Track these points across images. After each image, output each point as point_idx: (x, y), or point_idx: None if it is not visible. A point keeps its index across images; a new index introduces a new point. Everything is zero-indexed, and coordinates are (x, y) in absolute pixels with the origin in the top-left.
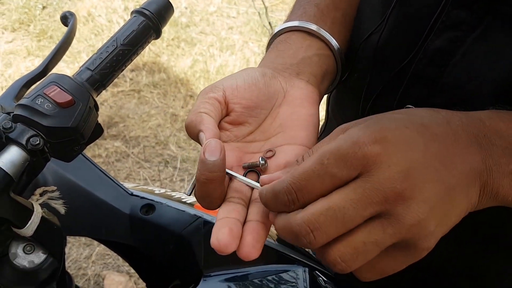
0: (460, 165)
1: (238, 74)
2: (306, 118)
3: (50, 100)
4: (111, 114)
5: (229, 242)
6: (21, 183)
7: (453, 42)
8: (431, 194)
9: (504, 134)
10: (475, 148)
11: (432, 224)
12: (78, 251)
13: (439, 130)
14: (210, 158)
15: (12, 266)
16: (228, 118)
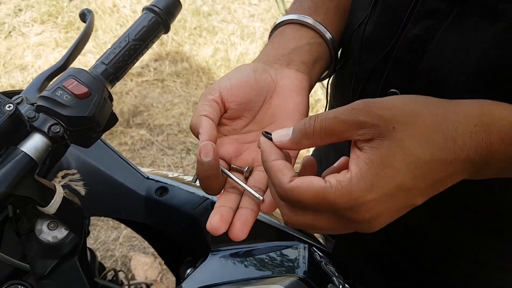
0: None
1: (232, 74)
2: (294, 107)
3: (68, 92)
4: (136, 103)
5: (219, 226)
6: (44, 167)
7: (429, 29)
8: (387, 216)
9: (505, 156)
10: (465, 174)
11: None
12: (107, 234)
13: (439, 176)
14: (205, 159)
15: (38, 241)
16: (226, 115)
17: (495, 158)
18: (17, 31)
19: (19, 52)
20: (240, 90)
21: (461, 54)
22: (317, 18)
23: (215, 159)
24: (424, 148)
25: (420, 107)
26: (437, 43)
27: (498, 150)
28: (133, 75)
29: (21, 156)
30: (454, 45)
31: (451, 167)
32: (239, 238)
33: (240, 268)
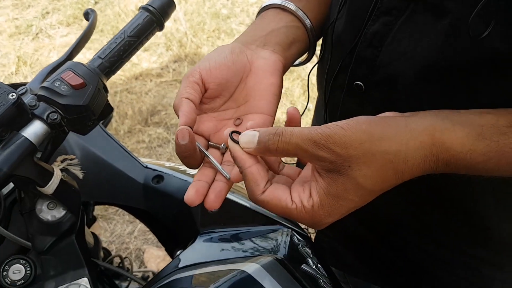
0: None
1: (211, 56)
2: (266, 88)
3: (66, 83)
4: (154, 103)
5: (194, 199)
6: (46, 152)
7: (386, 25)
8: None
9: (448, 172)
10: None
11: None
12: (122, 228)
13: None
14: (182, 142)
15: (38, 219)
16: (205, 94)
17: (438, 172)
18: (44, 33)
19: (45, 53)
20: (218, 71)
21: (412, 49)
22: (298, 4)
23: (191, 141)
24: (375, 184)
25: (374, 146)
26: (392, 38)
27: (443, 169)
28: (153, 76)
29: (22, 140)
30: (406, 41)
31: (397, 184)
32: (213, 208)
33: (225, 249)
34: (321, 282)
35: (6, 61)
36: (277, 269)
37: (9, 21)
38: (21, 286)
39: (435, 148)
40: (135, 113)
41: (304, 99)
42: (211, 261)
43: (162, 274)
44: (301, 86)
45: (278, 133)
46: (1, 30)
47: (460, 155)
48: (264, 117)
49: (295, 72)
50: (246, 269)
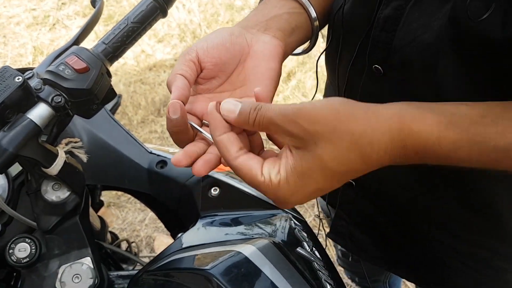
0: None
1: (209, 36)
2: (265, 72)
3: (70, 67)
4: (167, 94)
5: (181, 158)
6: (52, 134)
7: (397, 9)
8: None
9: (419, 161)
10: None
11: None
12: (134, 215)
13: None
14: (173, 116)
15: (43, 199)
16: (201, 74)
17: (410, 160)
18: (60, 23)
19: (61, 44)
20: (216, 51)
21: (422, 32)
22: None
23: (183, 116)
24: (340, 165)
25: (341, 124)
26: (403, 23)
27: (413, 158)
28: (166, 67)
29: (27, 122)
30: (417, 25)
31: (364, 171)
32: (200, 174)
33: (224, 232)
34: (315, 264)
35: (23, 51)
36: (273, 251)
37: (26, 12)
38: (26, 263)
39: (403, 133)
40: (148, 104)
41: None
42: (210, 243)
43: (163, 255)
44: (314, 78)
45: (258, 108)
46: (19, 21)
47: (428, 142)
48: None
49: (307, 64)
50: (242, 250)
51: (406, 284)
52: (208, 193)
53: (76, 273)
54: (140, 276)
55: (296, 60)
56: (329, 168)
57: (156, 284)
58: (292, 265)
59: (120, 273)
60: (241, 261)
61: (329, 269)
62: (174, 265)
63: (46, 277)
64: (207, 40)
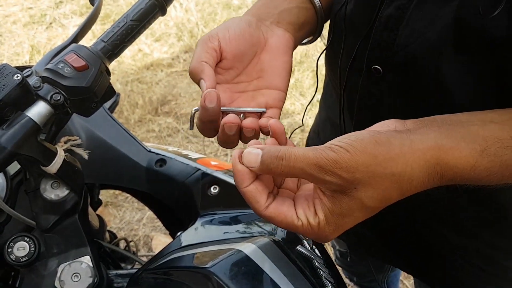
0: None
1: (229, 24)
2: (281, 65)
3: (69, 65)
4: (164, 93)
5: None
6: (51, 133)
7: (400, 9)
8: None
9: (456, 179)
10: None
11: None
12: (131, 215)
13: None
14: (210, 105)
15: (42, 198)
16: (220, 64)
17: (445, 181)
18: (57, 22)
19: (58, 42)
20: (236, 42)
21: (426, 31)
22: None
23: (218, 105)
24: (380, 202)
25: (380, 168)
26: (407, 21)
27: (447, 183)
28: (163, 66)
29: (26, 120)
30: (420, 23)
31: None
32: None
33: (223, 231)
34: (315, 262)
35: (20, 50)
36: (273, 249)
37: (23, 11)
38: (25, 262)
39: (439, 167)
40: (146, 103)
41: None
42: (210, 241)
43: (162, 253)
44: (312, 77)
45: (280, 157)
46: (16, 20)
47: (464, 172)
48: (279, 93)
49: (305, 63)
50: (242, 249)
51: (404, 283)
52: (208, 191)
53: (75, 272)
54: (139, 274)
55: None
56: (369, 206)
57: (156, 282)
58: (292, 263)
59: (119, 272)
60: (242, 259)
61: (329, 267)
62: (174, 263)
63: (45, 276)
64: (229, 30)
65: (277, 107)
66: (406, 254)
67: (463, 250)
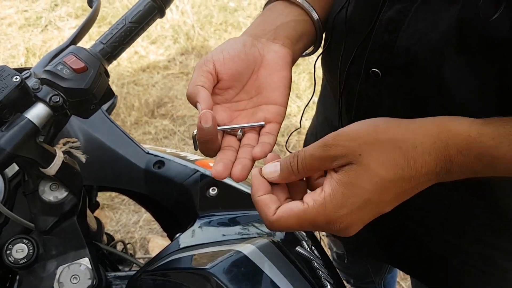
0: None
1: (224, 47)
2: (279, 80)
3: (68, 66)
4: (161, 95)
5: (223, 171)
6: (49, 134)
7: (401, 12)
8: (360, 224)
9: (465, 166)
10: (430, 182)
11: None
12: (128, 217)
13: (405, 193)
14: (205, 125)
15: (41, 200)
16: (218, 85)
17: (455, 167)
18: (53, 25)
19: (54, 45)
20: (232, 63)
21: (428, 33)
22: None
23: (214, 125)
24: (387, 169)
25: (382, 135)
26: (408, 24)
27: (457, 161)
28: (160, 68)
29: (25, 122)
30: (423, 26)
31: (413, 181)
32: (241, 179)
33: (222, 232)
34: (315, 263)
35: (15, 53)
36: (272, 250)
37: (18, 13)
38: (23, 264)
39: (443, 135)
40: (142, 105)
41: (310, 92)
42: (209, 242)
43: (161, 255)
44: (308, 79)
45: (295, 155)
46: (11, 22)
47: (469, 139)
48: (278, 108)
49: (301, 66)
50: (241, 249)
51: (400, 284)
52: (207, 193)
53: (74, 274)
54: (138, 276)
55: None
56: (376, 174)
57: (155, 284)
58: (292, 263)
59: (118, 273)
60: (241, 260)
61: (328, 268)
62: (173, 265)
63: (44, 278)
64: (223, 52)
65: (276, 122)
66: (406, 256)
67: (464, 252)
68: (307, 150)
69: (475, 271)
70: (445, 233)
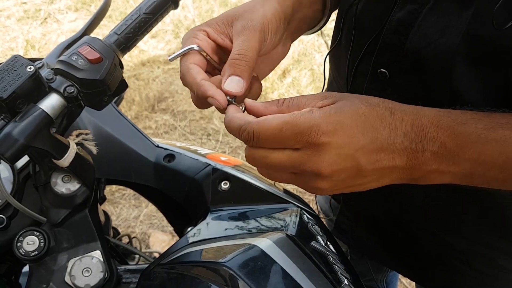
0: (384, 163)
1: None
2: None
3: (83, 57)
4: (161, 90)
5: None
6: (62, 126)
7: (412, 13)
8: (340, 177)
9: (438, 140)
10: (406, 152)
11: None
12: (128, 212)
13: (383, 136)
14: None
15: (53, 192)
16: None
17: (427, 141)
18: (52, 17)
19: (53, 38)
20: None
21: (438, 37)
22: None
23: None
24: (371, 108)
25: (362, 98)
26: (418, 26)
27: (429, 131)
28: (160, 63)
29: (39, 113)
30: (433, 29)
31: (392, 135)
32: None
33: (235, 226)
34: (331, 258)
35: (14, 45)
36: (288, 244)
37: (17, 5)
38: (34, 257)
39: (414, 108)
40: (142, 100)
41: (312, 89)
42: (222, 236)
43: (173, 249)
44: (309, 76)
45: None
46: (10, 14)
47: (439, 112)
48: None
49: (302, 62)
50: (257, 243)
51: (402, 281)
52: (218, 187)
53: (86, 267)
54: (152, 269)
55: (291, 58)
56: (361, 113)
57: (169, 277)
58: (308, 258)
59: (128, 267)
60: (257, 254)
61: (344, 263)
62: (186, 258)
63: (55, 270)
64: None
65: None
66: (404, 258)
67: (463, 254)
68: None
69: (473, 272)
70: (443, 233)
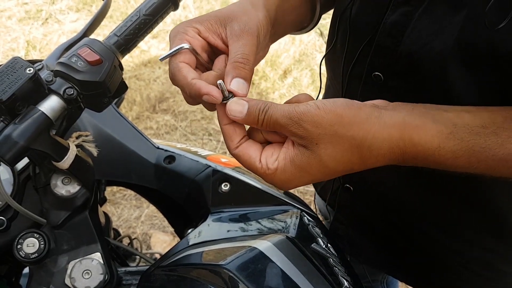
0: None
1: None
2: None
3: (82, 59)
4: (162, 90)
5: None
6: (61, 128)
7: (405, 16)
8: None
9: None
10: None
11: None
12: (129, 212)
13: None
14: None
15: (53, 194)
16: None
17: (408, 165)
18: (53, 18)
19: (54, 38)
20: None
21: (432, 39)
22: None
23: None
24: (339, 164)
25: (343, 129)
26: (412, 29)
27: (411, 162)
28: (161, 63)
29: (39, 115)
30: (427, 31)
31: (361, 169)
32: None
33: (235, 228)
34: (331, 261)
35: (15, 46)
36: (288, 247)
37: (18, 6)
38: (34, 259)
39: (402, 142)
40: (143, 100)
41: (313, 89)
42: (222, 238)
43: (174, 251)
44: (310, 76)
45: (264, 110)
46: (11, 15)
47: (428, 151)
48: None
49: (303, 62)
50: (257, 246)
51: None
52: (219, 188)
53: (86, 269)
54: (152, 271)
55: (292, 58)
56: (327, 166)
57: (169, 279)
58: (308, 260)
59: (128, 269)
60: (257, 256)
61: (345, 265)
62: (187, 260)
63: (55, 273)
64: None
65: None
66: (400, 262)
67: (461, 257)
68: (276, 111)
69: (471, 276)
70: (440, 236)
